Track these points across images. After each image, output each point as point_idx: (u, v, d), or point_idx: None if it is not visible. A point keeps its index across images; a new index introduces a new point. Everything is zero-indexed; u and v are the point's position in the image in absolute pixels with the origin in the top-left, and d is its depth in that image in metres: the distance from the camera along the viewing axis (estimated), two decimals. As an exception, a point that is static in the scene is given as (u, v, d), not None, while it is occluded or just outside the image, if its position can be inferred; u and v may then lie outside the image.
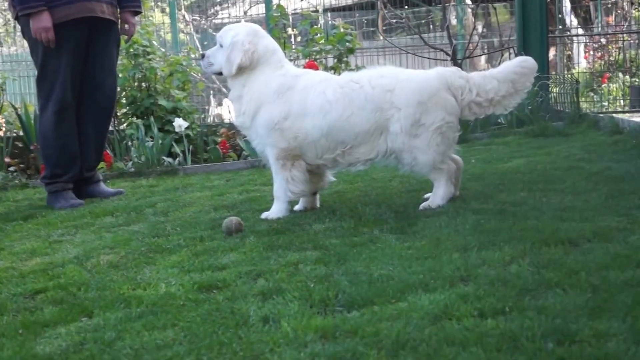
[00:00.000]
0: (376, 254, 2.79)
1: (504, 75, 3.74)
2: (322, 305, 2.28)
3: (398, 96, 3.64)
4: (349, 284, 2.43)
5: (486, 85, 3.71)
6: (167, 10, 11.11)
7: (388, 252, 2.79)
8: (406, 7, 10.94)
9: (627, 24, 11.62)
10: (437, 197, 3.66)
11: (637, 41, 10.58)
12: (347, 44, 7.74)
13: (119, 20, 5.01)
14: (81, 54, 4.82)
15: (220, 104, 10.23)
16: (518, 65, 3.78)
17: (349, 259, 2.76)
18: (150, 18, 10.06)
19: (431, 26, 11.76)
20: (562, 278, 2.30)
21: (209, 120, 8.92)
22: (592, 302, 2.09)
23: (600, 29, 11.94)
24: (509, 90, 3.73)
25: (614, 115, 6.78)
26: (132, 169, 6.12)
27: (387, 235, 3.11)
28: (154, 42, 7.75)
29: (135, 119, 7.00)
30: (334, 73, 7.82)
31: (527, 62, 3.80)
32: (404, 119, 3.61)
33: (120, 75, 6.99)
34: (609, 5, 12.05)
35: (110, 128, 6.24)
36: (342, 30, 7.83)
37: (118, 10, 4.98)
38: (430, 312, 2.11)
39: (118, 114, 7.32)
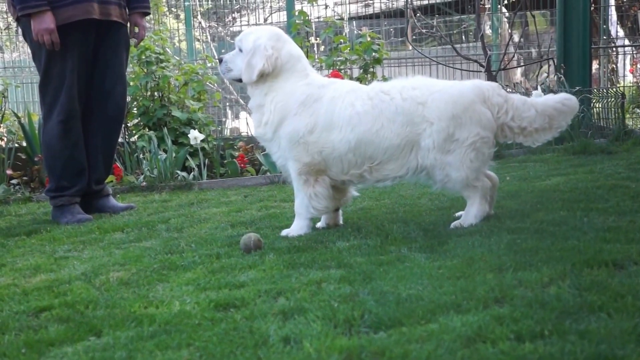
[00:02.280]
0: (404, 273, 2.80)
1: (544, 108, 3.74)
2: (347, 325, 2.29)
3: (430, 109, 3.64)
4: (376, 303, 2.44)
5: (524, 111, 3.71)
6: (182, 16, 11.23)
7: (417, 272, 2.79)
8: (437, 15, 10.97)
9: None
10: (469, 215, 3.66)
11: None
12: (374, 53, 7.79)
13: (128, 23, 5.06)
14: (88, 58, 4.85)
15: (237, 116, 10.30)
16: (560, 102, 3.77)
17: (375, 278, 2.77)
18: (165, 22, 10.17)
19: (464, 36, 11.78)
20: (607, 301, 2.29)
21: (225, 133, 8.99)
22: (640, 328, 2.08)
23: (648, 40, 11.90)
24: (543, 124, 3.73)
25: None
26: (144, 183, 6.16)
27: (416, 253, 3.12)
28: (167, 49, 7.83)
29: (147, 130, 7.06)
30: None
31: (570, 100, 3.80)
32: (437, 134, 3.62)
33: (131, 83, 7.07)
34: (659, 15, 12.01)
35: (121, 139, 6.31)
36: (368, 39, 7.88)
37: (127, 12, 5.01)
38: (463, 334, 2.11)
39: (129, 124, 7.39)
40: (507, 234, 3.29)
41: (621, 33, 12.84)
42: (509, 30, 9.72)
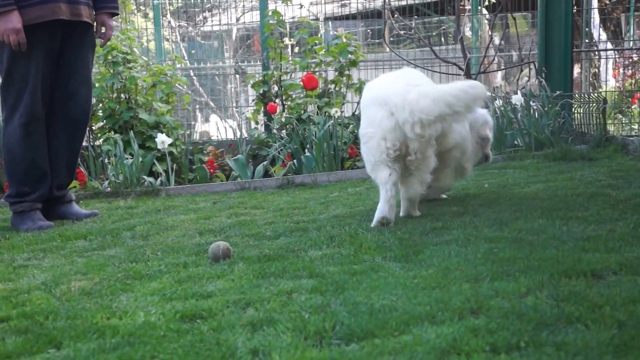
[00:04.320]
0: (378, 283, 2.81)
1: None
2: (318, 337, 2.30)
3: None
4: (348, 314, 2.45)
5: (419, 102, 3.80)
6: (151, 15, 11.20)
7: (391, 281, 2.81)
8: (416, 16, 11.03)
9: (662, 38, 11.72)
10: None
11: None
12: (350, 55, 7.84)
13: (95, 23, 5.04)
14: (53, 59, 4.84)
15: (207, 119, 10.29)
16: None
17: (348, 288, 2.78)
18: (132, 21, 10.15)
19: (443, 38, 11.86)
20: (584, 312, 2.32)
21: (195, 137, 8.98)
22: (617, 339, 2.10)
23: (632, 43, 12.04)
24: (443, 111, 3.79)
25: (645, 138, 6.83)
26: (109, 188, 6.14)
27: (391, 263, 3.14)
28: (135, 49, 7.81)
29: (112, 133, 7.06)
30: (335, 87, 7.92)
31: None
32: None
33: (96, 84, 7.06)
34: (643, 18, 12.16)
35: (85, 143, 6.27)
36: (344, 40, 7.92)
37: (93, 12, 5.01)
38: (437, 346, 2.13)
39: (94, 127, 7.37)
40: (484, 242, 3.32)
41: (604, 36, 12.99)
42: (490, 33, 9.80)
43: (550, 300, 2.46)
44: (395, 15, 9.69)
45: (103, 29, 5.07)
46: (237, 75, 10.29)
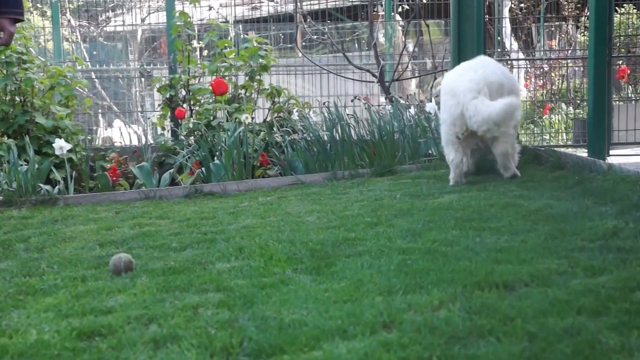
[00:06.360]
0: (288, 296, 2.81)
1: None
2: (225, 354, 2.28)
3: None
4: (256, 330, 2.44)
5: None
6: (49, 13, 10.95)
7: (302, 295, 2.81)
8: (329, 21, 11.12)
9: (571, 49, 12.11)
10: None
11: (582, 69, 11.03)
12: (261, 60, 7.83)
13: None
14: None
15: (110, 124, 10.12)
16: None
17: (257, 302, 2.77)
18: (29, 19, 9.91)
19: (357, 44, 11.99)
20: (496, 325, 2.37)
21: (97, 143, 8.82)
22: (528, 352, 2.15)
23: (542, 53, 12.41)
24: None
25: (556, 149, 7.04)
26: (1, 197, 5.98)
27: (302, 275, 3.14)
28: (31, 49, 7.63)
29: (6, 138, 6.88)
30: (245, 92, 7.90)
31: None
32: None
33: (-11, 86, 6.85)
34: (553, 29, 12.55)
35: (-24, 148, 6.09)
36: (255, 44, 7.90)
37: None
38: (348, 362, 2.13)
39: (-15, 132, 7.15)
40: (397, 254, 3.35)
41: (515, 46, 13.36)
42: (403, 40, 9.95)
43: (463, 313, 2.50)
44: (308, 20, 9.74)
45: (1, 34, 4.91)
46: (143, 79, 10.16)
